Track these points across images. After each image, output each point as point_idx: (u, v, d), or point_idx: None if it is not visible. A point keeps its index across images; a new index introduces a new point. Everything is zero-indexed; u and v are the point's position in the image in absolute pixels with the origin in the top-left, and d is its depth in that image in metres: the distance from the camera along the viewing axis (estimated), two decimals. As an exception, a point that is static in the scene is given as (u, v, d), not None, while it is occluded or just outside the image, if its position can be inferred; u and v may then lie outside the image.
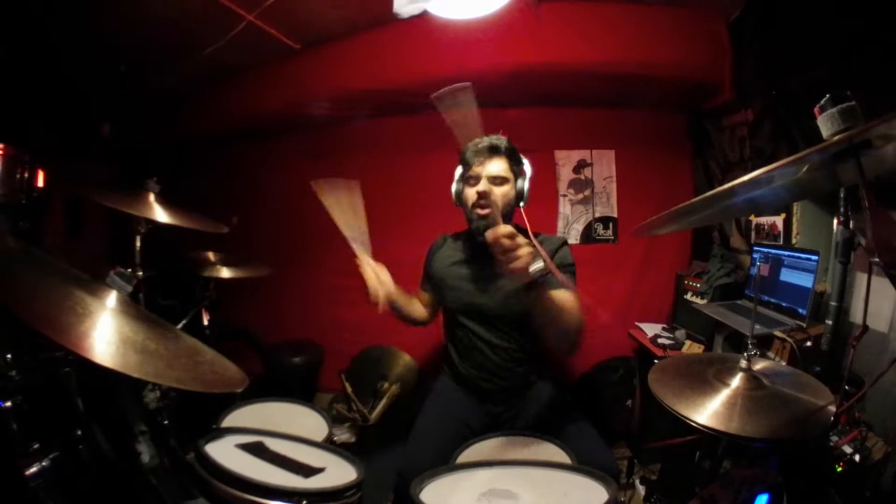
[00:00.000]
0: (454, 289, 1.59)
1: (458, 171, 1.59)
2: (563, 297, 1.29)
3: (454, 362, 1.66)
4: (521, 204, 1.53)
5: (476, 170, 1.49)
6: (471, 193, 1.50)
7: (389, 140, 2.76)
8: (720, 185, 0.90)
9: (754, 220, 2.30)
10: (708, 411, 1.02)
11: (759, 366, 1.15)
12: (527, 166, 1.55)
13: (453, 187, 1.61)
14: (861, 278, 1.57)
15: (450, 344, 1.68)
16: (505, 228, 1.04)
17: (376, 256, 1.51)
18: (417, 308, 1.70)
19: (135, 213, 1.56)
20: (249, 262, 2.19)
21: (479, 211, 1.48)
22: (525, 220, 1.51)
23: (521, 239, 1.05)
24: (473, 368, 1.60)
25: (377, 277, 1.39)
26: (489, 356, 1.57)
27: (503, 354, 1.56)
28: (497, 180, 1.49)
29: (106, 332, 0.90)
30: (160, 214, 1.61)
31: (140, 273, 1.57)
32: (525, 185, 1.53)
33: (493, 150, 1.50)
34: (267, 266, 2.25)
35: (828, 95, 0.80)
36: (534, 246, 1.08)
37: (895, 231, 0.83)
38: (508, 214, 1.53)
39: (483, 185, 1.47)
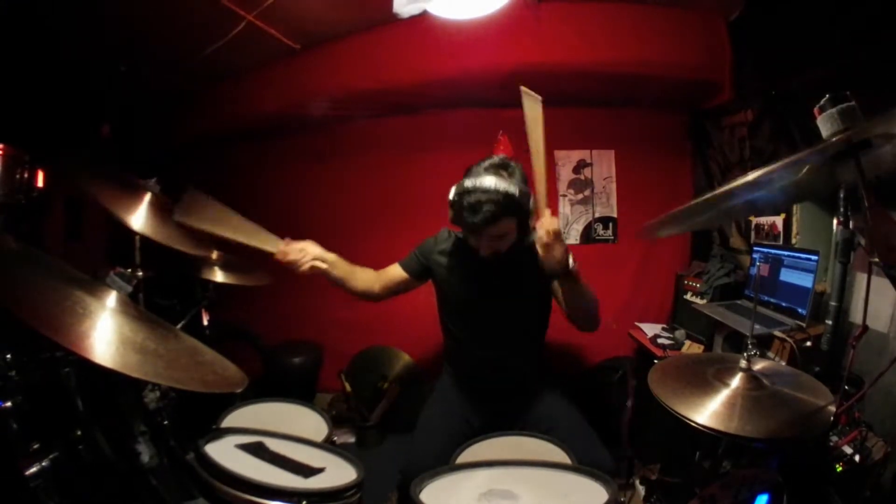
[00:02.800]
0: (459, 291, 1.59)
1: (453, 191, 1.41)
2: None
3: (455, 362, 1.66)
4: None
5: (474, 236, 1.39)
6: (473, 242, 1.42)
7: (390, 140, 2.76)
8: (720, 185, 0.91)
9: (754, 220, 2.30)
10: (708, 411, 1.02)
11: (758, 366, 1.15)
12: (525, 196, 1.34)
13: (451, 214, 1.44)
14: (861, 278, 1.57)
15: (451, 344, 1.68)
16: (551, 224, 1.18)
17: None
18: (359, 275, 1.61)
19: (128, 223, 1.51)
20: (249, 270, 2.16)
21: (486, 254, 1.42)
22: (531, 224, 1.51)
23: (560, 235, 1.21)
24: (475, 368, 1.60)
25: (303, 249, 1.46)
26: (491, 356, 1.57)
27: (505, 354, 1.56)
28: (502, 235, 1.38)
29: (106, 333, 0.90)
30: (151, 224, 1.54)
31: (140, 273, 1.56)
32: (530, 207, 1.36)
33: (493, 219, 1.31)
34: (267, 275, 2.19)
35: (827, 96, 0.80)
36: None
37: (894, 231, 0.83)
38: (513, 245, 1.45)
39: (487, 250, 1.40)
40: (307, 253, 1.48)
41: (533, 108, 1.24)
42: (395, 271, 1.66)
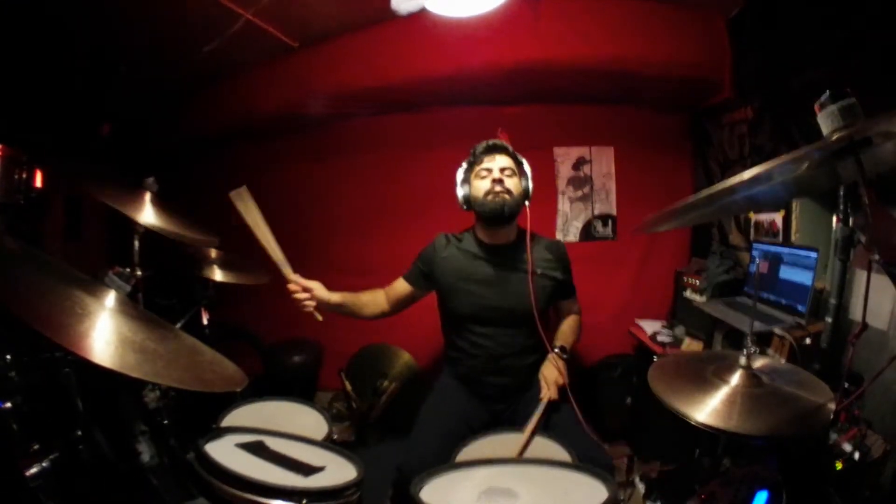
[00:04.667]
0: (466, 294, 1.61)
1: (460, 175, 1.67)
2: (568, 324, 1.74)
3: (457, 361, 1.66)
4: (527, 202, 1.63)
5: (488, 164, 1.62)
6: (483, 184, 1.61)
7: (389, 138, 2.76)
8: (720, 182, 0.91)
9: (753, 217, 2.30)
10: (707, 409, 1.02)
11: (758, 363, 1.14)
12: (526, 167, 1.66)
13: (459, 192, 1.66)
14: (860, 275, 1.56)
15: (453, 344, 1.69)
16: (557, 382, 1.51)
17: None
18: (368, 304, 1.70)
19: (130, 214, 1.52)
20: (248, 269, 2.16)
21: (496, 191, 1.58)
22: (528, 221, 1.62)
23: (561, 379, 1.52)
24: (478, 366, 1.61)
25: (311, 293, 1.53)
26: (495, 354, 1.59)
27: (510, 352, 1.58)
28: (507, 171, 1.62)
29: (105, 332, 0.90)
30: (154, 218, 1.57)
31: (139, 273, 1.56)
32: (529, 185, 1.65)
33: (502, 148, 1.66)
34: (265, 273, 2.19)
35: (827, 92, 0.80)
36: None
37: (894, 228, 0.83)
38: (518, 207, 1.61)
39: (497, 174, 1.60)
40: (311, 299, 1.54)
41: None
42: (401, 286, 1.72)
